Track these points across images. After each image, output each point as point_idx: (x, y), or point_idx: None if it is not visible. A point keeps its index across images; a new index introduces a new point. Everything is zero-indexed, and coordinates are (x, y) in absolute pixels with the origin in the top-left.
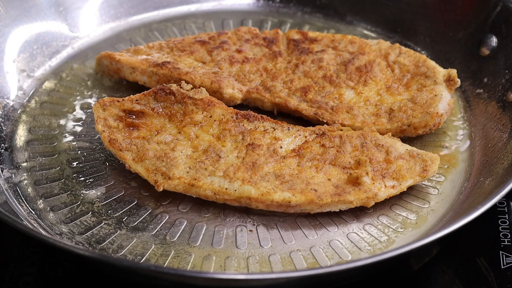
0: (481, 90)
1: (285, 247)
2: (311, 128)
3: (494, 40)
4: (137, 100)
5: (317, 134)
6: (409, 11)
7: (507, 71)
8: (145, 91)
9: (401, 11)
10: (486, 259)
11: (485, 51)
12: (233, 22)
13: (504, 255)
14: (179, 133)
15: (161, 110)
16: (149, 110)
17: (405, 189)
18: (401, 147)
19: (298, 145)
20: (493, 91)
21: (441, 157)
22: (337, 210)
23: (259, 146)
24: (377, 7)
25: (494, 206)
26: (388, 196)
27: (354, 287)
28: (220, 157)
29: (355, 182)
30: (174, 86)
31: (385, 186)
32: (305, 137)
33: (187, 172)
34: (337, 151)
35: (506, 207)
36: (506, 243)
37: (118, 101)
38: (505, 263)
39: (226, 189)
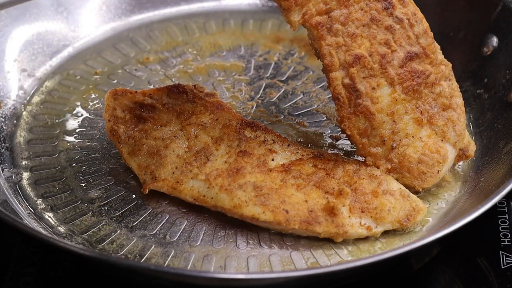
0: (482, 90)
1: (285, 247)
2: (310, 149)
3: (494, 40)
4: (150, 94)
5: (314, 155)
6: None
7: (507, 71)
8: (159, 87)
9: None
10: (487, 259)
11: (486, 51)
12: (234, 22)
13: (504, 255)
14: (181, 130)
15: (171, 106)
16: (160, 105)
17: (378, 235)
18: (396, 185)
19: (290, 160)
20: (493, 91)
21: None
22: (304, 235)
23: (250, 155)
24: None
25: (494, 206)
26: (358, 236)
27: (354, 287)
28: (208, 160)
29: (330, 211)
30: (188, 86)
31: (360, 224)
32: (302, 155)
33: (172, 173)
34: (326, 173)
35: (506, 207)
36: (506, 243)
37: (131, 92)
38: (505, 263)
39: (204, 196)
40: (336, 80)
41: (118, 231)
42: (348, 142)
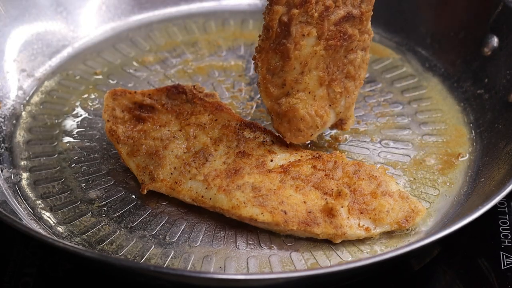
0: (482, 91)
1: (285, 247)
2: (309, 150)
3: (495, 40)
4: (149, 94)
5: (313, 156)
6: (410, 11)
7: (508, 72)
8: (159, 87)
9: (402, 12)
10: (487, 259)
11: (486, 51)
12: (234, 22)
13: (504, 256)
14: (180, 130)
15: (170, 107)
16: (159, 106)
17: (376, 237)
18: (394, 186)
19: (289, 161)
20: (494, 92)
21: (442, 157)
22: (303, 237)
23: (248, 156)
24: (378, 7)
25: (495, 207)
26: (357, 237)
27: None
28: (207, 161)
29: (329, 212)
30: (188, 86)
31: (359, 225)
32: (301, 156)
33: (171, 174)
34: (325, 174)
35: (506, 208)
36: (506, 243)
37: (130, 93)
38: (505, 264)
39: (202, 197)
40: (276, 14)
41: (118, 232)
42: (347, 142)
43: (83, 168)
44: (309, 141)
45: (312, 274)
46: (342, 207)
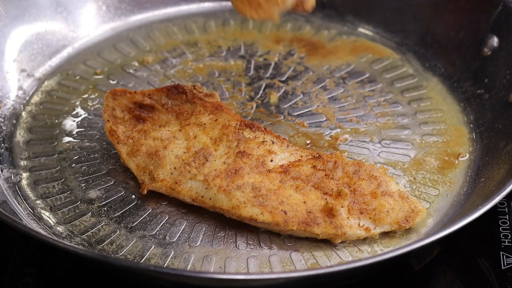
0: (482, 91)
1: (285, 247)
2: (309, 150)
3: (495, 40)
4: (149, 94)
5: (313, 156)
6: (410, 12)
7: (508, 72)
8: (159, 87)
9: (402, 12)
10: (487, 259)
11: (486, 51)
12: (234, 22)
13: (504, 256)
14: (180, 130)
15: (170, 107)
16: (159, 106)
17: (376, 237)
18: (395, 186)
19: (289, 161)
20: (494, 92)
21: (442, 157)
22: (303, 236)
23: (248, 155)
24: (378, 7)
25: (495, 207)
26: (357, 237)
27: None
28: (207, 161)
29: (329, 212)
30: (188, 86)
31: (359, 225)
32: (301, 156)
33: (171, 174)
34: (326, 174)
35: (506, 208)
36: (506, 243)
37: (130, 92)
38: (505, 264)
39: (202, 197)
40: None
41: (118, 232)
42: (348, 142)
43: (83, 168)
44: (309, 141)
45: (312, 274)
46: (342, 207)
